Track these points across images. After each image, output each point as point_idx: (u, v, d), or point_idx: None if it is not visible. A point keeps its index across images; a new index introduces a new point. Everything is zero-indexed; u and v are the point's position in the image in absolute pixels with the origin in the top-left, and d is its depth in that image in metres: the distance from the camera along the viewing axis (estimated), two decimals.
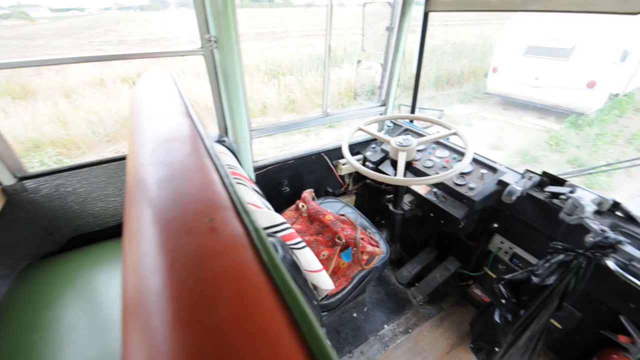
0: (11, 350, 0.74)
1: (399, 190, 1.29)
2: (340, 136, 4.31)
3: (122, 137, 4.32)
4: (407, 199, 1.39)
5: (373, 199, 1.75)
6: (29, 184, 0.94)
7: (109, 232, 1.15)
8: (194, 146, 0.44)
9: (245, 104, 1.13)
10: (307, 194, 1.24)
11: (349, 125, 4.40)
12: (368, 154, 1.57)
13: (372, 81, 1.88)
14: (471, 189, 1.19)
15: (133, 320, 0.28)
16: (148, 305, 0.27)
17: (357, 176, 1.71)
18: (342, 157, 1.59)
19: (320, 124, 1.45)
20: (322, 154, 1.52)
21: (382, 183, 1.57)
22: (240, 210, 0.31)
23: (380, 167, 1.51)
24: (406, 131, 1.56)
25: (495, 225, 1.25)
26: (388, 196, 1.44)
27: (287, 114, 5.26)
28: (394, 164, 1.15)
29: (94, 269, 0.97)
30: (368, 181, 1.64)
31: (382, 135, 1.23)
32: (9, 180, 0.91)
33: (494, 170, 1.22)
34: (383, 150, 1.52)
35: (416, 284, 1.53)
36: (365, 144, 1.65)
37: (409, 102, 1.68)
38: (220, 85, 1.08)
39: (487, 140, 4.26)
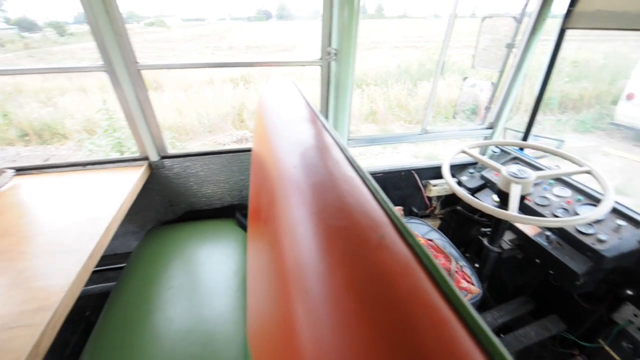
0: (135, 296, 0.90)
1: (500, 226, 1.14)
2: (421, 153, 4.09)
3: (220, 130, 4.95)
4: (507, 236, 1.23)
5: (461, 227, 1.59)
6: (166, 162, 1.15)
7: (214, 212, 1.31)
8: (336, 155, 0.46)
9: (349, 114, 1.16)
10: (398, 211, 1.20)
11: (435, 144, 4.13)
12: (464, 178, 1.45)
13: (475, 100, 1.73)
14: (601, 241, 0.97)
15: (298, 309, 0.30)
16: (316, 304, 0.28)
17: (446, 200, 1.59)
18: (434, 177, 1.50)
19: (418, 141, 1.39)
20: (413, 172, 1.46)
21: (476, 212, 1.42)
22: (401, 229, 0.31)
23: (477, 195, 1.36)
24: (515, 160, 1.39)
25: (630, 292, 1.00)
26: (483, 229, 1.29)
27: (367, 125, 5.25)
28: (503, 196, 1.02)
29: (200, 241, 1.11)
30: (459, 208, 1.51)
31: (490, 162, 1.11)
32: (154, 157, 1.12)
33: (636, 223, 0.98)
34: (483, 178, 1.38)
35: (501, 335, 1.32)
36: (460, 167, 1.52)
37: (516, 126, 1.49)
38: (330, 95, 1.13)
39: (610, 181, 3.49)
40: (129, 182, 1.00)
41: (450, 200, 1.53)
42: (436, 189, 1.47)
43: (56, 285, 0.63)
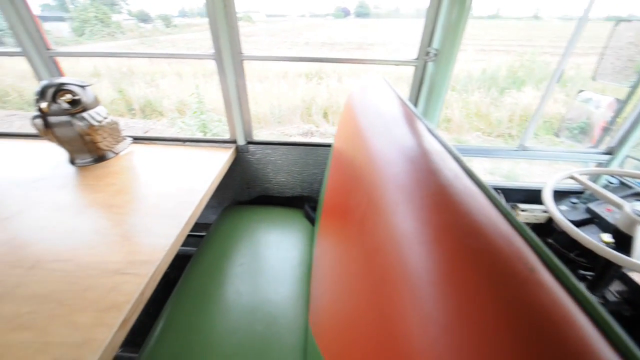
0: (212, 265, 0.99)
1: (609, 272, 0.95)
2: (498, 170, 3.67)
3: (288, 122, 5.17)
4: (615, 286, 1.02)
5: None
6: (251, 147, 1.22)
7: (285, 200, 1.37)
8: (450, 164, 0.42)
9: (437, 120, 1.08)
10: None
11: (516, 162, 3.65)
12: (563, 208, 1.24)
13: (588, 118, 1.47)
14: None
15: (411, 323, 0.28)
16: (440, 326, 0.25)
17: (535, 229, 1.39)
18: (523, 200, 1.32)
19: (513, 158, 1.24)
20: (499, 191, 1.30)
21: (573, 249, 1.21)
22: (551, 264, 0.26)
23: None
24: (638, 196, 1.14)
25: None
26: (581, 271, 1.09)
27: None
28: (621, 237, 0.85)
29: (270, 225, 1.16)
30: (550, 240, 1.30)
31: (609, 194, 0.93)
32: (242, 142, 1.20)
33: None
34: (589, 211, 1.16)
35: None
36: (560, 194, 1.30)
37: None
38: (419, 98, 1.07)
39: None
40: (219, 162, 1.10)
41: (542, 230, 1.33)
42: (525, 214, 1.29)
43: (159, 244, 0.72)
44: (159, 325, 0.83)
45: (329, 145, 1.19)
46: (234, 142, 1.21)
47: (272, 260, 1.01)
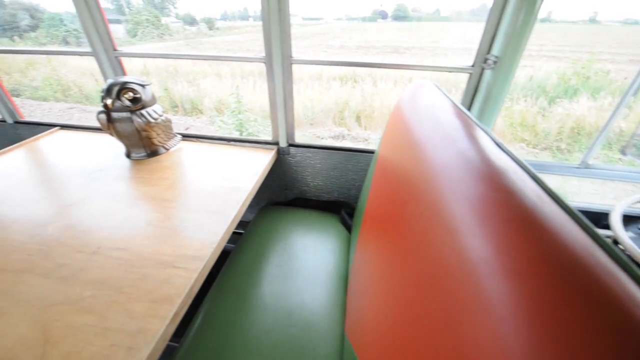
0: (249, 263, 1.00)
1: None
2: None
3: (320, 124, 5.20)
4: None
5: None
6: (292, 149, 1.23)
7: (321, 204, 1.36)
8: (530, 184, 0.39)
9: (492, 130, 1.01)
10: None
11: (565, 179, 3.38)
12: (630, 235, 1.11)
13: None
14: None
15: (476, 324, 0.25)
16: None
17: None
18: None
19: (574, 175, 1.13)
20: None
21: None
22: None
23: None
24: None
25: None
26: None
27: None
28: None
29: (307, 229, 1.16)
30: None
31: None
32: (284, 144, 1.22)
33: None
34: None
35: None
36: (626, 218, 1.17)
37: None
38: (472, 107, 1.01)
39: None
40: (261, 162, 1.12)
41: None
42: None
43: (207, 240, 0.74)
44: (199, 318, 0.85)
45: (370, 152, 1.17)
46: (276, 143, 1.22)
47: (308, 264, 1.01)
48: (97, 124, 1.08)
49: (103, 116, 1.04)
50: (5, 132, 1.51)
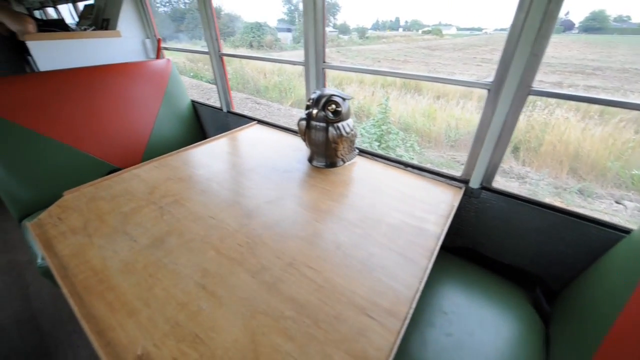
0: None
1: None
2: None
3: (463, 147, 4.59)
4: None
5: None
6: (484, 194, 1.01)
7: (496, 265, 1.08)
8: None
9: None
10: None
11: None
12: None
13: None
14: None
15: None
16: None
17: None
18: None
19: None
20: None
21: None
22: None
23: None
24: None
25: None
26: None
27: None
28: None
29: (479, 294, 0.92)
30: None
31: None
32: (475, 184, 1.01)
33: None
34: None
35: None
36: None
37: None
38: None
39: None
40: (445, 201, 0.95)
41: None
42: None
43: (401, 293, 0.64)
44: None
45: (621, 230, 0.81)
46: (466, 182, 1.03)
47: (488, 349, 0.78)
48: (284, 123, 1.16)
49: (304, 123, 1.11)
50: (219, 117, 1.89)
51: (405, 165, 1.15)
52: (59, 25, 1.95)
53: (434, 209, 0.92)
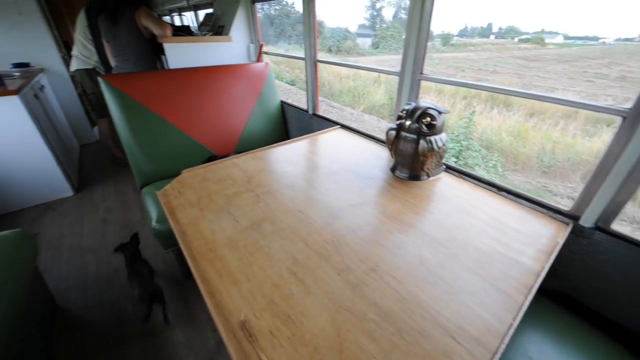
0: None
1: None
2: None
3: (561, 176, 3.96)
4: None
5: None
6: (598, 236, 0.87)
7: (597, 318, 0.92)
8: None
9: None
10: None
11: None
12: None
13: None
14: None
15: None
16: None
17: None
18: None
19: None
20: None
21: None
22: None
23: None
24: None
25: None
26: None
27: None
28: None
29: (583, 354, 0.80)
30: None
31: None
32: (588, 223, 0.88)
33: None
34: None
35: None
36: None
37: None
38: None
39: None
40: (546, 236, 0.85)
41: None
42: None
43: (491, 325, 0.60)
44: None
45: None
46: (575, 218, 0.90)
47: None
48: (366, 130, 1.18)
49: (393, 133, 1.11)
50: (304, 119, 2.03)
51: (499, 189, 1.07)
52: (186, 30, 2.34)
53: (532, 241, 0.84)
